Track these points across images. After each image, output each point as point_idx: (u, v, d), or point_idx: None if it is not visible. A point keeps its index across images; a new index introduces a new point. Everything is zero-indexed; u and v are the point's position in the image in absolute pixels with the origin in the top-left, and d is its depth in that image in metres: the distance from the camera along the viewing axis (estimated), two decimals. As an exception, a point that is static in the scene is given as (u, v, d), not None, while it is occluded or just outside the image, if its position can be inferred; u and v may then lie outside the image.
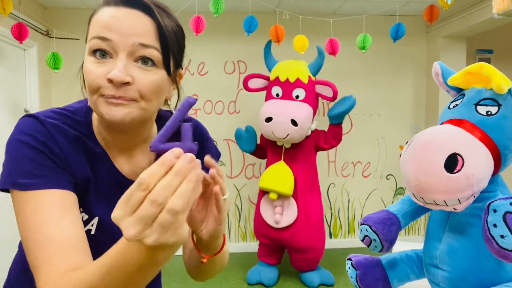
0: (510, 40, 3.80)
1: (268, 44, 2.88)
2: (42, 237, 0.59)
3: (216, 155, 0.87)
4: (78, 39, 3.25)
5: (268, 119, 2.59)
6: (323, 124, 2.89)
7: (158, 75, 0.66)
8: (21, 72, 3.03)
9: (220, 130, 3.52)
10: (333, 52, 2.83)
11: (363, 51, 2.86)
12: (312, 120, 2.73)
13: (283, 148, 2.76)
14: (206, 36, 3.24)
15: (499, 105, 0.93)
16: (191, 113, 3.69)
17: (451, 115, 1.00)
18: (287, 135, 2.57)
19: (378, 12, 3.32)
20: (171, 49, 0.68)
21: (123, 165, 0.76)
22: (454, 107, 1.01)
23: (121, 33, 0.62)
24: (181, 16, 2.99)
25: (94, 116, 0.73)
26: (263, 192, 2.81)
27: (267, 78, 2.85)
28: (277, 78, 2.74)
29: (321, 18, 3.23)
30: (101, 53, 0.63)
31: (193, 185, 0.44)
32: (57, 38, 3.27)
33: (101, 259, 0.53)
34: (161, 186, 0.43)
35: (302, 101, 2.67)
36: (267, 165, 2.85)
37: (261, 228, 2.84)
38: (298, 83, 2.68)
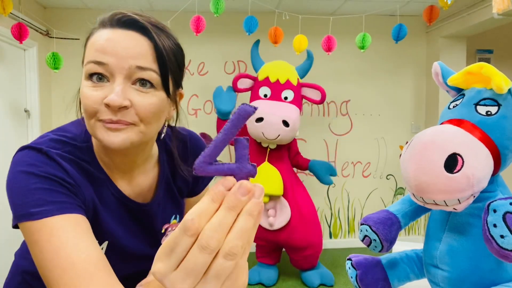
0: (510, 40, 3.80)
1: (256, 43, 2.86)
2: (62, 261, 0.56)
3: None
4: (78, 39, 3.25)
5: (259, 119, 2.54)
6: (312, 124, 2.87)
7: (157, 97, 0.64)
8: (21, 72, 3.03)
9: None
10: (328, 49, 2.81)
11: (362, 50, 2.86)
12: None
13: (268, 149, 2.74)
14: (206, 36, 3.24)
15: (499, 105, 0.93)
16: (191, 113, 3.69)
17: (451, 115, 1.00)
18: (278, 135, 2.55)
19: (378, 12, 3.32)
20: (170, 69, 0.66)
21: (124, 187, 0.75)
22: (454, 107, 1.01)
23: (117, 56, 0.61)
24: (181, 16, 2.97)
25: (94, 140, 0.71)
26: None
27: (254, 79, 2.81)
28: (267, 78, 2.70)
29: (321, 17, 3.23)
30: (97, 77, 0.62)
31: (254, 221, 0.34)
32: (57, 38, 3.27)
33: None
34: (211, 227, 0.32)
35: (290, 102, 2.65)
36: None
37: (256, 231, 2.83)
38: (288, 85, 2.66)
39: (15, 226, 0.63)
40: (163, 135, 0.78)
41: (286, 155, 2.80)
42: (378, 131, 3.74)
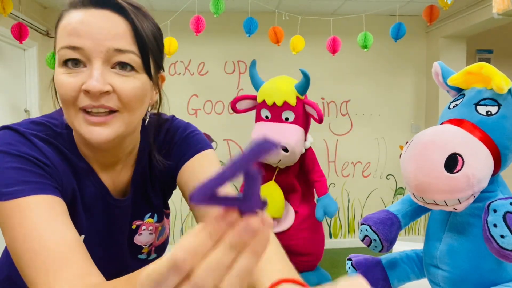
0: (510, 40, 3.79)
1: (253, 63, 2.79)
2: (34, 244, 0.52)
3: (200, 144, 0.76)
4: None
5: None
6: (311, 124, 2.82)
7: (139, 80, 0.60)
8: (21, 72, 3.03)
9: (220, 130, 3.52)
10: (333, 50, 2.81)
11: (365, 49, 2.85)
12: (306, 137, 2.69)
13: (277, 169, 2.73)
14: (206, 36, 3.24)
15: (499, 105, 0.93)
16: (191, 113, 3.69)
17: (451, 115, 1.00)
18: (279, 160, 2.56)
19: (378, 12, 3.32)
20: (151, 51, 0.62)
21: (106, 181, 0.71)
22: (454, 107, 1.01)
23: (93, 39, 0.56)
24: (181, 16, 2.97)
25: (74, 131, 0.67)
26: None
27: (255, 98, 2.77)
28: (264, 101, 2.65)
29: (320, 17, 3.23)
30: (73, 63, 0.57)
31: (257, 260, 0.28)
32: (57, 38, 3.27)
33: (123, 282, 0.46)
34: (209, 267, 0.27)
35: (292, 122, 2.61)
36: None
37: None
38: (286, 107, 2.60)
39: None
40: (147, 120, 0.72)
41: (297, 172, 2.76)
42: (378, 131, 3.74)
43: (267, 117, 2.68)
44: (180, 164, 0.74)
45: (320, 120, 2.58)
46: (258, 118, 2.73)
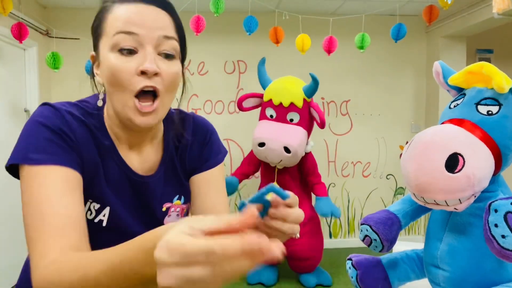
0: (510, 40, 3.79)
1: (262, 61, 2.80)
2: (43, 212, 0.60)
3: (221, 153, 0.88)
4: (78, 38, 3.25)
5: (261, 144, 2.54)
6: (321, 130, 2.83)
7: (177, 66, 0.70)
8: (21, 72, 3.02)
9: (220, 130, 3.50)
10: (329, 50, 2.80)
11: (361, 50, 2.86)
12: (308, 141, 2.69)
13: (276, 169, 2.74)
14: (206, 36, 3.24)
15: (500, 105, 0.93)
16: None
17: (452, 115, 1.00)
18: (281, 160, 2.55)
19: (378, 12, 3.32)
20: (184, 41, 0.73)
21: (132, 160, 0.77)
22: (454, 106, 1.01)
23: (147, 27, 0.65)
24: (181, 16, 2.96)
25: (106, 110, 0.75)
26: None
27: (261, 96, 2.78)
28: (270, 100, 2.66)
29: (320, 17, 3.23)
30: (128, 51, 0.65)
31: (252, 266, 0.37)
32: (57, 38, 3.26)
33: (106, 255, 0.50)
34: (229, 267, 0.37)
35: (296, 124, 2.61)
36: (261, 184, 2.85)
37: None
38: (292, 108, 2.60)
39: (8, 168, 0.66)
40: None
41: (296, 173, 2.77)
42: (378, 131, 3.74)
43: (271, 116, 2.68)
44: (204, 168, 0.84)
45: (322, 125, 2.58)
46: (263, 116, 2.72)
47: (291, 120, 2.62)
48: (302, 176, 2.81)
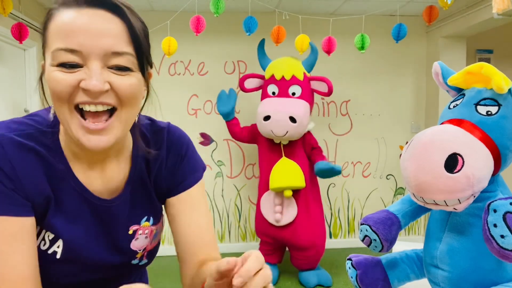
0: (510, 40, 3.79)
1: (262, 43, 2.89)
2: None
3: (199, 170, 0.79)
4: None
5: (266, 118, 2.59)
6: (322, 123, 2.87)
7: (135, 77, 0.61)
8: (21, 72, 3.03)
9: (220, 130, 3.52)
10: (328, 50, 2.82)
11: (362, 51, 2.86)
12: (309, 120, 2.73)
13: (282, 145, 2.76)
14: (206, 36, 3.24)
15: (499, 105, 0.93)
16: (191, 113, 3.69)
17: (451, 115, 1.00)
18: (286, 132, 2.57)
19: (378, 12, 3.32)
20: (144, 50, 0.62)
21: (93, 181, 0.69)
22: (454, 107, 1.01)
23: (90, 41, 0.55)
24: (181, 16, 2.97)
25: (62, 127, 0.65)
26: (263, 190, 2.80)
27: (262, 77, 2.85)
28: (273, 76, 2.74)
29: (320, 17, 3.23)
30: (70, 66, 0.56)
31: None
32: (57, 38, 3.27)
33: None
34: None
35: (298, 98, 2.67)
36: (263, 164, 2.85)
37: (262, 226, 2.84)
38: (294, 80, 2.68)
39: None
40: (136, 119, 0.72)
41: (301, 150, 2.79)
42: (378, 131, 3.74)
43: (273, 93, 2.74)
44: (182, 188, 0.76)
45: (329, 92, 2.64)
46: (265, 95, 2.77)
47: (293, 94, 2.68)
48: (306, 153, 2.84)
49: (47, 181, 0.64)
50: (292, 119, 2.54)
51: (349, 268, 1.22)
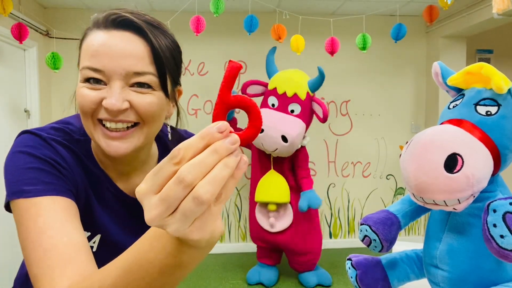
0: (510, 40, 3.79)
1: (273, 50, 2.82)
2: (45, 242, 0.55)
3: None
4: (78, 39, 3.24)
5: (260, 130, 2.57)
6: (312, 124, 2.84)
7: (155, 96, 0.64)
8: (21, 72, 3.03)
9: (220, 130, 3.53)
10: (332, 51, 2.81)
11: (363, 51, 2.86)
12: (304, 135, 2.70)
13: (272, 157, 2.74)
14: (206, 36, 3.24)
15: (498, 105, 0.93)
16: (191, 113, 3.69)
17: (451, 115, 1.00)
18: (276, 149, 2.55)
19: (378, 12, 3.32)
20: (168, 69, 0.65)
21: (121, 185, 0.74)
22: (454, 107, 1.01)
23: (113, 62, 0.60)
24: (181, 16, 2.96)
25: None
26: (254, 196, 2.80)
27: (266, 85, 2.80)
28: (275, 89, 2.68)
29: (321, 18, 3.23)
30: (94, 80, 0.61)
31: (229, 173, 0.35)
32: (57, 38, 3.27)
33: (119, 260, 0.47)
34: (191, 163, 0.34)
35: (297, 116, 2.62)
36: (254, 170, 2.84)
37: (256, 232, 2.83)
38: (294, 98, 2.62)
39: (7, 207, 0.62)
40: (169, 135, 0.78)
41: (290, 164, 2.78)
42: (378, 131, 3.74)
43: (273, 105, 2.69)
44: None
45: (324, 119, 2.59)
46: (264, 105, 2.74)
47: (292, 111, 2.64)
48: (293, 168, 2.83)
49: (87, 181, 0.69)
50: (284, 139, 2.50)
51: (349, 268, 1.22)
